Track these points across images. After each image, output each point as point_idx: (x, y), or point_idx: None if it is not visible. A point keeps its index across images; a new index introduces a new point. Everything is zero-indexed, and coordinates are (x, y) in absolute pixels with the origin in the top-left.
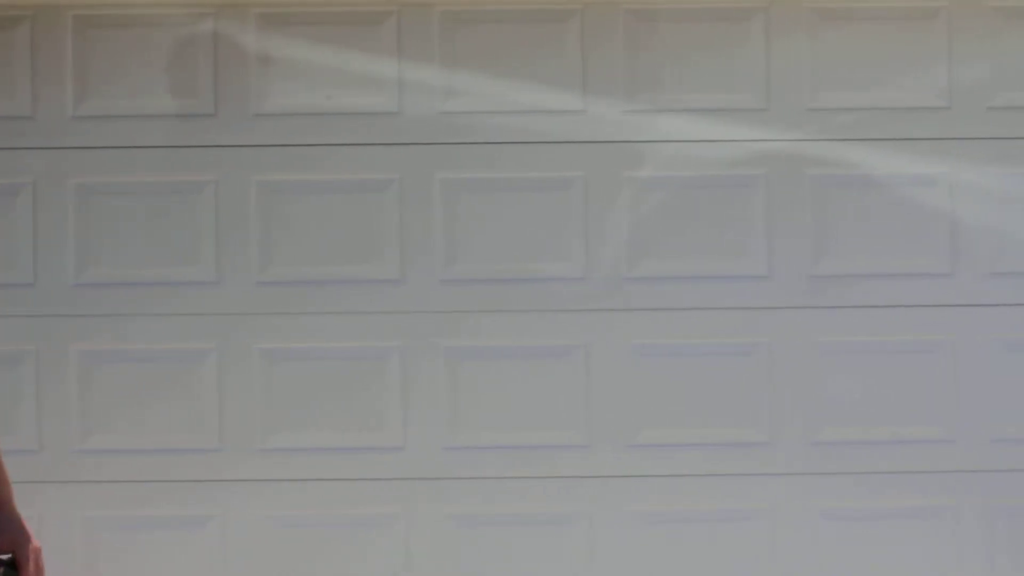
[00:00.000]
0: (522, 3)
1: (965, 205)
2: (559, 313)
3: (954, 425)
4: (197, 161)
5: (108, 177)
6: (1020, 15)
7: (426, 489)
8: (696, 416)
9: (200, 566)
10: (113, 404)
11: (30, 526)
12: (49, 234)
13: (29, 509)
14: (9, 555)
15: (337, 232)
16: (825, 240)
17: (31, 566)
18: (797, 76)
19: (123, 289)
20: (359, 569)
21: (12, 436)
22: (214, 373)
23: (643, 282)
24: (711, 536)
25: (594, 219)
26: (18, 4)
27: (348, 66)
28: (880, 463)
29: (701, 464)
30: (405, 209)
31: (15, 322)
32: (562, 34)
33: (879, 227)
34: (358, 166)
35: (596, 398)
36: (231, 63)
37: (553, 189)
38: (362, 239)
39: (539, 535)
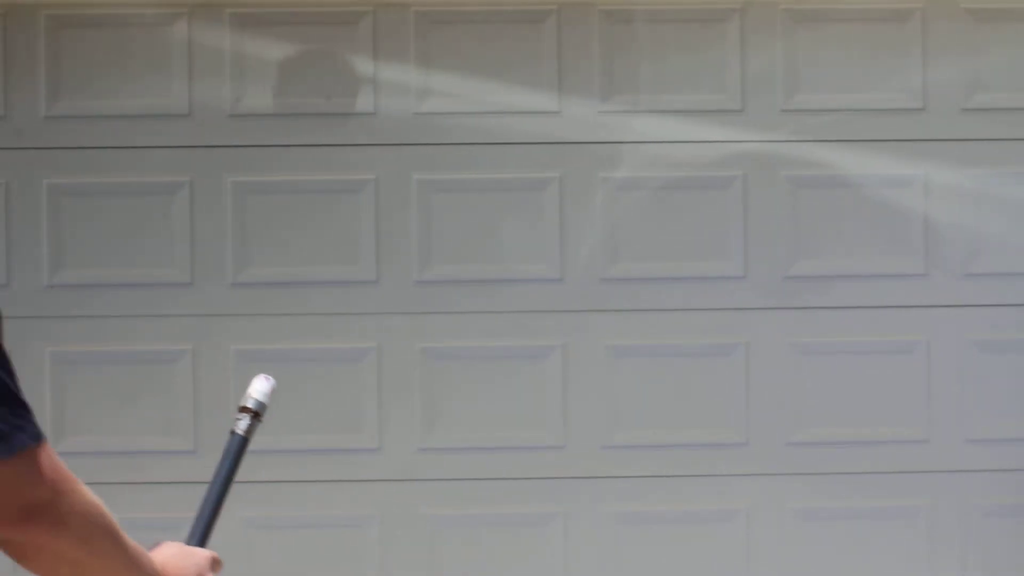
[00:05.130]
0: (498, 4)
1: (939, 206)
2: (535, 314)
3: (928, 425)
4: (171, 162)
5: (82, 178)
6: (994, 17)
7: (401, 490)
8: (672, 417)
9: None
10: (87, 406)
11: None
12: (22, 235)
13: None
14: None
15: (313, 233)
16: (800, 241)
17: None
18: (772, 77)
19: (97, 290)
20: (333, 571)
21: None
22: (189, 375)
23: (619, 283)
24: (687, 537)
25: (570, 220)
26: None
27: (324, 67)
28: (855, 464)
29: (677, 465)
30: (381, 210)
31: None
32: (538, 35)
33: (854, 228)
34: (334, 167)
35: (572, 399)
36: (205, 63)
37: (529, 190)
38: (338, 240)
39: (514, 536)
